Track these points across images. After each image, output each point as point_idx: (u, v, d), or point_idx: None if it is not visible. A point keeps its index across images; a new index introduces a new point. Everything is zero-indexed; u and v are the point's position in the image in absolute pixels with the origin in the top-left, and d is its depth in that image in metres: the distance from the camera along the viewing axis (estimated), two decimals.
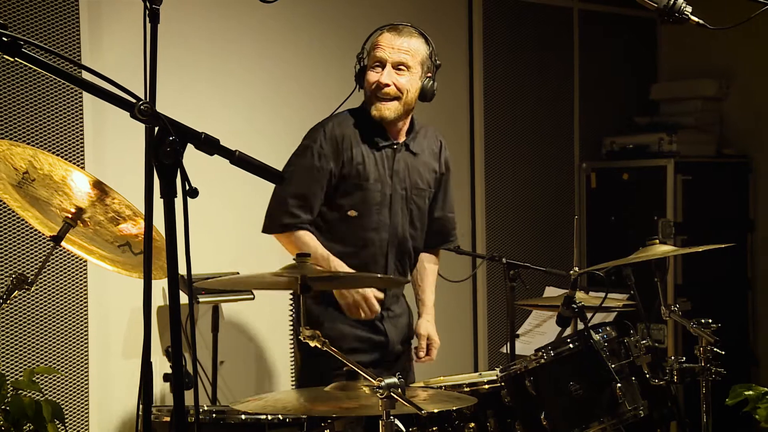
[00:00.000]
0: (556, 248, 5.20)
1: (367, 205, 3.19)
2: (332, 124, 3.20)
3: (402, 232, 3.27)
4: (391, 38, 3.16)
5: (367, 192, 3.19)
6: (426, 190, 3.33)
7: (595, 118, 5.57)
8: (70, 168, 2.41)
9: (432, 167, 3.35)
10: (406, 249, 3.30)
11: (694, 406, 3.21)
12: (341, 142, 3.16)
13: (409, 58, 3.16)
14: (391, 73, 3.14)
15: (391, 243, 3.25)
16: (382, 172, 3.21)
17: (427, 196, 3.34)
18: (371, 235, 3.21)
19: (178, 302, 1.61)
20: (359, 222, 3.19)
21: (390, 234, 3.24)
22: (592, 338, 2.69)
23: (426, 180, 3.33)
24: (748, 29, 2.80)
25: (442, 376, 3.26)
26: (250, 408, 2.54)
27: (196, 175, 1.63)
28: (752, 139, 5.59)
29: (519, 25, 5.22)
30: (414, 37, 3.19)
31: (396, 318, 3.33)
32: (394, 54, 3.14)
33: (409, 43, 3.17)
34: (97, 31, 3.82)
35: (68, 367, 3.76)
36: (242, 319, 4.23)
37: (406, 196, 3.26)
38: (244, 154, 1.68)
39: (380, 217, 3.21)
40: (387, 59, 3.14)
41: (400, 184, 3.24)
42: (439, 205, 3.42)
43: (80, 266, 3.77)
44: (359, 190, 3.18)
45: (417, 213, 3.31)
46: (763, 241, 5.56)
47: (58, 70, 1.57)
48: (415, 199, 3.29)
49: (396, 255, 3.28)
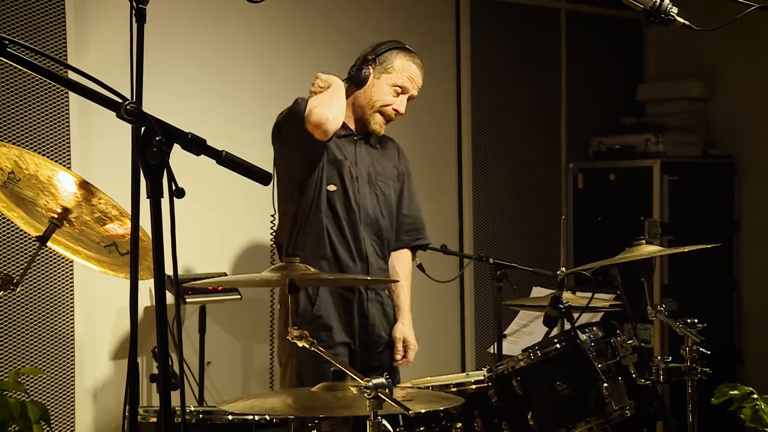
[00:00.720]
0: (543, 248, 5.21)
1: (343, 181, 3.31)
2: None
3: (373, 213, 3.37)
4: (417, 74, 3.42)
5: (343, 168, 3.31)
6: (390, 180, 3.45)
7: (582, 119, 5.59)
8: (56, 168, 2.40)
9: (393, 163, 3.50)
10: (379, 232, 3.39)
11: (680, 406, 3.23)
12: None
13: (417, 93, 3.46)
14: (405, 104, 3.41)
15: (365, 222, 3.34)
16: (348, 154, 3.36)
17: (392, 186, 3.45)
18: (348, 212, 3.31)
19: (165, 303, 1.61)
20: (338, 198, 3.30)
21: (362, 213, 3.33)
22: (579, 338, 2.70)
23: (388, 172, 3.46)
24: (733, 30, 2.81)
25: (429, 376, 3.27)
26: (237, 408, 2.54)
27: (182, 176, 1.63)
28: (737, 140, 5.61)
29: (506, 26, 5.23)
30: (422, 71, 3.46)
31: (380, 302, 3.39)
32: (414, 89, 3.43)
33: (421, 80, 3.46)
34: (83, 30, 3.81)
35: (54, 368, 3.75)
36: (229, 320, 4.22)
37: (370, 180, 3.38)
38: (230, 155, 1.68)
39: (354, 194, 3.32)
40: (409, 91, 3.41)
41: (365, 169, 3.38)
42: (406, 204, 3.52)
43: (66, 267, 3.76)
44: (334, 166, 3.31)
45: (383, 199, 3.41)
46: (748, 242, 5.59)
47: (44, 70, 1.56)
48: (380, 185, 3.41)
49: (372, 237, 3.36)
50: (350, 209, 3.32)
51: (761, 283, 5.53)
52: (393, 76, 3.37)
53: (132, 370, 1.71)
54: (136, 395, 1.74)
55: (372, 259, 3.36)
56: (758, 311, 5.55)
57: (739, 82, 5.60)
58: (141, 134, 1.59)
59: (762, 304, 5.53)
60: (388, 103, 3.37)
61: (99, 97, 1.57)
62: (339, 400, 2.37)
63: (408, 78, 3.39)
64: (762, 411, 3.37)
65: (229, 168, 1.69)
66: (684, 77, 5.68)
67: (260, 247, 4.28)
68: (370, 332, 3.35)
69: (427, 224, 3.62)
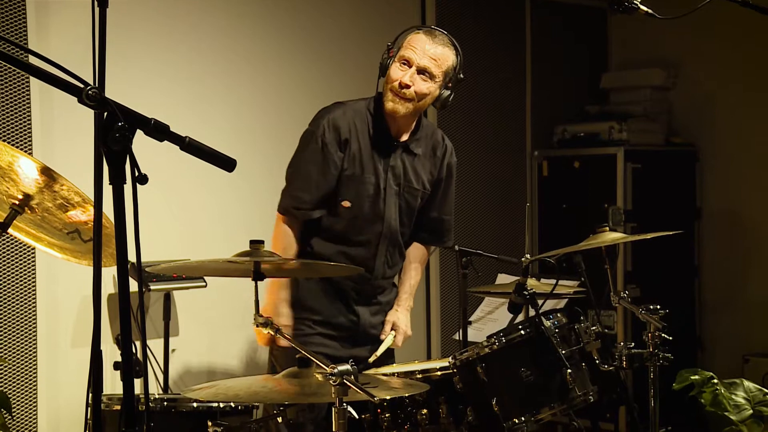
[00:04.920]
0: (508, 236, 5.25)
1: (360, 196, 3.20)
2: (336, 114, 3.21)
3: (394, 225, 3.29)
4: (425, 42, 3.16)
5: (362, 184, 3.20)
6: (419, 191, 3.33)
7: (546, 107, 5.62)
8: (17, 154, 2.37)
9: (429, 170, 3.36)
10: (396, 242, 3.32)
11: (643, 391, 3.27)
12: (342, 132, 3.17)
13: (435, 66, 3.15)
14: (414, 76, 3.15)
15: (384, 235, 3.27)
16: (378, 165, 3.22)
17: (419, 195, 3.34)
18: (363, 227, 3.23)
19: (128, 290, 1.59)
20: (352, 213, 3.21)
21: (384, 226, 3.25)
22: (543, 325, 2.71)
23: (421, 181, 3.33)
24: (695, 19, 2.84)
25: (395, 363, 3.27)
26: (202, 396, 2.53)
27: (145, 163, 1.62)
28: (699, 128, 5.68)
29: (472, 13, 5.23)
30: (446, 46, 3.19)
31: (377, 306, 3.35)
32: (423, 58, 3.14)
33: (440, 51, 3.17)
34: (44, 16, 3.76)
35: (16, 356, 3.71)
36: (194, 307, 4.20)
37: (399, 191, 3.27)
38: (194, 141, 1.67)
39: (374, 209, 3.23)
40: (414, 61, 3.14)
41: (395, 180, 3.25)
42: (436, 206, 3.42)
43: (28, 254, 3.72)
44: (353, 182, 3.19)
45: (406, 209, 3.31)
46: (709, 229, 5.66)
47: (5, 55, 1.54)
48: (406, 196, 3.30)
49: (387, 247, 3.29)
50: (367, 222, 3.23)
51: (722, 269, 5.61)
52: (400, 52, 3.19)
53: (95, 358, 1.69)
54: (100, 383, 1.73)
55: (379, 271, 3.30)
56: (719, 297, 5.63)
57: (700, 71, 5.66)
58: (103, 120, 1.57)
59: (722, 290, 5.61)
60: (395, 78, 3.16)
61: (60, 82, 1.55)
62: (304, 387, 2.37)
63: (411, 48, 3.16)
64: (722, 395, 3.42)
65: (193, 154, 1.68)
66: (646, 66, 5.73)
67: (225, 235, 4.26)
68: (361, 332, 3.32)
69: None
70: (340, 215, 3.22)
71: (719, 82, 5.59)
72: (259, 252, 2.48)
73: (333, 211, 3.22)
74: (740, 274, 5.55)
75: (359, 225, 3.23)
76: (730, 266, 5.58)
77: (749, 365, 5.11)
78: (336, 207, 3.21)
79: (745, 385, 3.50)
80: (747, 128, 5.49)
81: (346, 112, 3.22)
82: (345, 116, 3.21)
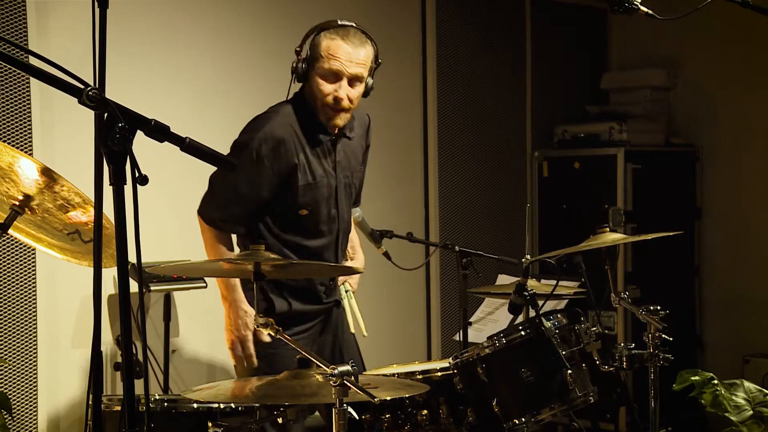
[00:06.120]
0: (509, 236, 5.24)
1: (317, 202, 3.19)
2: (270, 126, 3.11)
3: (347, 216, 3.34)
4: (345, 48, 3.07)
5: (316, 190, 3.17)
6: (360, 171, 3.40)
7: (546, 107, 5.62)
8: (18, 155, 2.37)
9: (361, 144, 3.39)
10: (349, 228, 3.39)
11: (643, 392, 3.27)
12: (281, 144, 3.10)
13: (363, 68, 3.11)
14: (347, 88, 3.09)
15: (341, 230, 3.31)
16: (326, 166, 3.19)
17: (362, 172, 3.42)
18: (323, 228, 3.24)
19: (128, 290, 1.59)
20: (311, 218, 3.20)
21: (339, 220, 3.28)
22: (544, 325, 2.71)
23: (359, 158, 3.38)
24: (695, 20, 2.84)
25: (395, 364, 3.27)
26: (202, 397, 2.53)
27: (146, 163, 1.62)
28: (699, 129, 5.68)
29: (472, 13, 5.23)
30: (365, 44, 3.13)
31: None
32: (351, 67, 3.07)
33: (363, 54, 3.11)
34: (44, 16, 3.76)
35: (16, 357, 3.71)
36: (194, 308, 4.20)
37: (348, 182, 3.30)
38: (194, 141, 1.67)
39: (330, 210, 3.24)
40: (344, 72, 3.07)
41: (343, 173, 3.26)
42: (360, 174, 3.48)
43: (28, 254, 3.71)
44: (309, 190, 3.16)
45: (351, 193, 3.37)
46: (709, 229, 5.66)
47: (5, 56, 1.54)
48: (354, 182, 3.36)
49: (344, 239, 3.35)
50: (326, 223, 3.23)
51: (722, 269, 5.61)
52: (320, 63, 3.08)
53: (95, 359, 1.69)
54: (100, 384, 1.73)
55: (339, 261, 3.34)
56: (719, 298, 5.63)
57: (700, 71, 5.66)
58: (103, 121, 1.57)
59: (723, 290, 5.61)
60: (326, 93, 3.08)
61: (60, 83, 1.55)
62: (305, 387, 2.37)
63: (334, 59, 3.05)
64: (722, 396, 3.42)
65: (193, 155, 1.68)
66: (647, 66, 5.73)
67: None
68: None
69: (394, 212, 3.64)
70: (299, 222, 3.19)
71: (719, 82, 5.59)
72: (259, 252, 2.48)
73: (291, 220, 3.18)
74: (740, 275, 5.54)
75: (318, 228, 3.23)
76: (730, 266, 5.58)
77: (749, 366, 5.10)
78: (295, 217, 3.18)
79: (745, 386, 3.50)
80: (747, 128, 5.49)
81: (281, 121, 3.12)
82: (282, 128, 3.11)
